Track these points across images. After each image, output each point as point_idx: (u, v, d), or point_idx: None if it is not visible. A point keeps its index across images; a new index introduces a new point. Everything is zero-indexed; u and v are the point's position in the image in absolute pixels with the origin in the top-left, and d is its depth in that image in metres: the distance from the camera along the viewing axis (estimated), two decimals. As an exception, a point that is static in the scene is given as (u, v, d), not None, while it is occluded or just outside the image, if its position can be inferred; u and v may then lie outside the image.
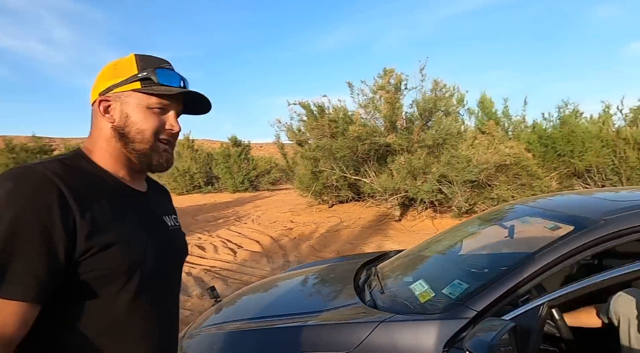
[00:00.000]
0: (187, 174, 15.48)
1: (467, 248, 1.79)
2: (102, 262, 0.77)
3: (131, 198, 0.91)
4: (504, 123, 8.19)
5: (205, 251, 6.68)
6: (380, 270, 1.98)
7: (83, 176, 0.83)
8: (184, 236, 1.06)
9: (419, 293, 1.51)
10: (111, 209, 0.82)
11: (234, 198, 14.05)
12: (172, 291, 0.97)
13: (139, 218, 0.88)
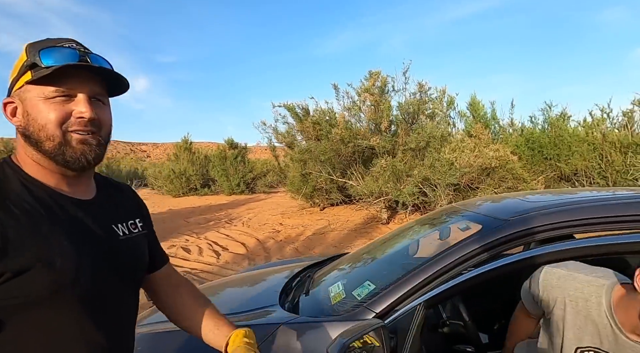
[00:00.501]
0: (184, 176, 15.55)
1: (393, 250, 1.79)
2: (16, 289, 0.68)
3: (64, 210, 0.79)
4: (493, 126, 8.17)
5: (190, 253, 6.70)
6: (317, 272, 1.99)
7: (5, 187, 0.74)
8: (141, 244, 0.94)
9: (332, 295, 1.51)
10: (31, 226, 0.72)
11: (229, 200, 14.09)
12: (124, 308, 0.86)
13: (72, 231, 0.77)
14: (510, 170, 6.76)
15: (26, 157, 0.80)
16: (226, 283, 2.25)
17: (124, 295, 0.87)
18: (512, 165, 6.69)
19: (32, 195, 0.76)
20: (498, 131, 8.26)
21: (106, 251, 0.81)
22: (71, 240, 0.75)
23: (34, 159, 0.79)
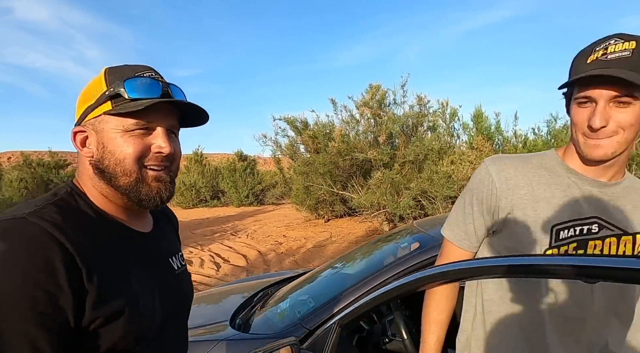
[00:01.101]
0: (194, 188, 15.81)
1: (341, 268, 1.83)
2: (108, 335, 0.65)
3: (134, 245, 0.76)
4: (497, 138, 8.10)
5: (192, 265, 6.79)
6: (281, 288, 2.03)
7: (84, 223, 0.69)
8: (190, 277, 0.91)
9: (279, 312, 1.55)
10: (117, 266, 0.69)
11: (237, 212, 14.24)
12: (180, 336, 0.86)
13: (145, 269, 0.74)
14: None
15: (92, 188, 0.75)
16: (201, 297, 2.31)
17: (182, 325, 0.87)
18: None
19: (107, 230, 0.72)
20: (502, 142, 8.19)
21: (172, 286, 0.79)
22: (147, 278, 0.73)
23: (102, 191, 0.74)
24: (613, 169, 0.90)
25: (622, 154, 0.87)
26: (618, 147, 0.84)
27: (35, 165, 17.06)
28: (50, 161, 17.47)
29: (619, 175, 0.91)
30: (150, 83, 0.74)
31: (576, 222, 0.88)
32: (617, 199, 0.89)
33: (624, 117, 0.81)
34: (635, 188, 0.92)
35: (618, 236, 0.87)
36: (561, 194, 0.90)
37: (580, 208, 0.88)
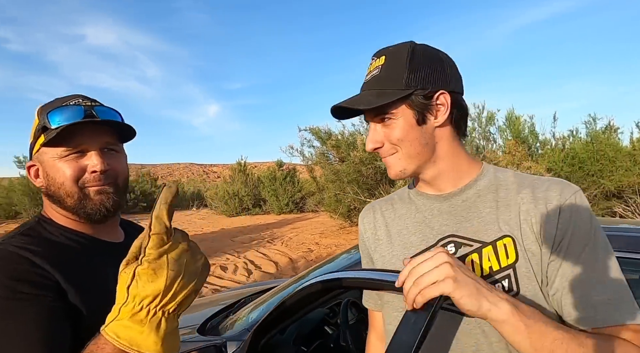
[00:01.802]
0: (237, 197, 16.48)
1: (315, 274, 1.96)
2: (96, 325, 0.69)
3: (107, 253, 0.84)
4: (533, 141, 7.77)
5: (226, 272, 7.17)
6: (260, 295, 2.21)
7: (51, 242, 0.80)
8: None
9: (241, 317, 1.74)
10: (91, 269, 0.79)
11: (277, 219, 14.67)
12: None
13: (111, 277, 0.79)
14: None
15: (55, 212, 0.84)
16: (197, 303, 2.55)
17: None
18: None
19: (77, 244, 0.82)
20: (538, 146, 7.85)
21: None
22: None
23: (62, 214, 0.84)
24: (444, 178, 0.81)
25: (431, 163, 0.79)
26: (406, 163, 0.78)
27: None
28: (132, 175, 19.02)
29: (465, 178, 0.80)
30: (72, 109, 0.80)
31: (430, 249, 0.76)
32: (470, 206, 0.78)
33: (392, 133, 0.77)
34: (493, 184, 0.79)
35: (479, 250, 0.74)
36: (412, 222, 0.85)
37: (432, 231, 0.81)
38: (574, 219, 0.69)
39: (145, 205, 19.29)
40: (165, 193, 0.58)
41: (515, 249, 0.71)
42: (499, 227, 0.74)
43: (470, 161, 0.82)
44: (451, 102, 0.76)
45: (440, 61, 0.77)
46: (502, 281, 0.71)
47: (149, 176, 21.76)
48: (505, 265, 0.72)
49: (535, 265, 0.70)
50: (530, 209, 0.72)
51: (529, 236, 0.71)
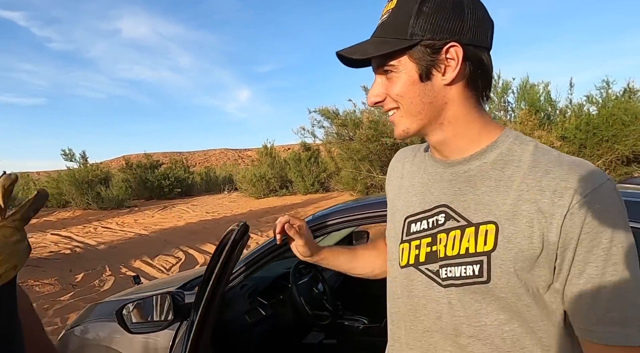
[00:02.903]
0: (264, 179, 17.02)
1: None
2: None
3: None
4: (547, 109, 7.56)
5: (247, 250, 7.64)
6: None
7: None
8: None
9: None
10: None
11: (303, 200, 15.07)
12: None
13: None
14: (555, 157, 6.33)
15: None
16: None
17: None
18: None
19: None
20: (556, 113, 7.64)
21: None
22: None
23: None
24: (450, 144, 0.73)
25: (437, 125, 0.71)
26: (408, 122, 0.71)
27: (135, 167, 19.81)
28: (146, 163, 20.10)
29: (474, 147, 0.71)
30: None
31: (426, 213, 0.76)
32: (470, 180, 0.71)
33: (392, 87, 0.70)
34: (502, 159, 0.69)
35: (462, 228, 0.69)
36: (418, 182, 0.80)
37: (431, 196, 0.76)
38: (587, 223, 0.58)
39: (180, 190, 20.29)
40: (4, 180, 0.62)
41: (495, 237, 0.65)
42: (489, 210, 0.66)
43: (485, 128, 0.71)
44: (464, 56, 0.65)
45: (459, 6, 0.65)
46: (473, 265, 0.67)
47: (182, 163, 22.76)
48: (480, 251, 0.66)
49: (522, 260, 0.63)
50: (532, 200, 0.62)
51: (522, 230, 0.63)
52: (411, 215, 0.79)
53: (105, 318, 1.98)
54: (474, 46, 0.66)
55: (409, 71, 0.68)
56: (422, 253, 0.75)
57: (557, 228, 0.60)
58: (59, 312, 4.51)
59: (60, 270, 6.42)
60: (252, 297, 1.91)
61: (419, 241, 0.76)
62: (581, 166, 0.62)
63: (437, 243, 0.72)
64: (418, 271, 0.75)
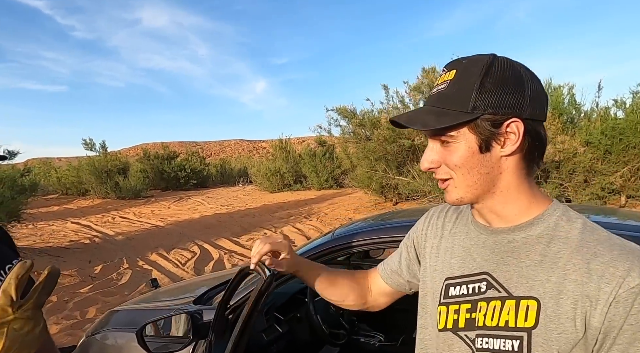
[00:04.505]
0: (278, 173, 17.07)
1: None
2: None
3: None
4: (571, 113, 7.34)
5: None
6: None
7: None
8: None
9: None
10: None
11: (317, 195, 15.09)
12: None
13: None
14: (578, 163, 6.18)
15: None
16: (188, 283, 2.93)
17: None
18: (580, 157, 6.11)
19: None
20: (576, 117, 7.41)
21: None
22: None
23: None
24: (497, 212, 0.72)
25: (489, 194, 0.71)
26: (463, 192, 0.71)
27: (152, 158, 20.11)
28: (163, 154, 20.37)
29: (521, 218, 0.71)
30: None
31: (467, 278, 0.75)
32: (514, 252, 0.70)
33: (449, 157, 0.70)
34: (548, 234, 0.68)
35: (502, 300, 0.68)
36: (459, 245, 0.79)
37: (473, 262, 0.75)
38: (632, 314, 0.57)
39: (195, 182, 20.54)
40: (18, 269, 0.62)
41: (537, 315, 0.63)
42: (532, 285, 0.65)
43: (534, 199, 0.71)
44: (525, 131, 0.66)
45: (519, 81, 0.66)
46: (513, 340, 0.65)
47: (198, 154, 23.01)
48: (520, 326, 0.64)
49: (564, 342, 0.61)
50: (578, 281, 0.61)
51: (566, 311, 0.61)
52: (451, 278, 0.78)
53: (124, 327, 2.02)
54: (532, 120, 0.67)
55: (468, 142, 0.68)
56: (462, 318, 0.74)
57: (602, 315, 0.59)
58: (78, 304, 4.62)
59: (80, 261, 6.59)
60: (269, 314, 1.91)
61: (457, 306, 0.75)
62: (633, 253, 0.61)
63: (476, 311, 0.71)
64: (457, 337, 0.74)
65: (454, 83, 0.68)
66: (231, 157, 40.92)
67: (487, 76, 0.65)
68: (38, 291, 0.65)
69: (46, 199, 18.26)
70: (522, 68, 0.68)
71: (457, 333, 0.74)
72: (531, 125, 0.67)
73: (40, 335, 0.67)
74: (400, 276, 0.98)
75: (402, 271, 0.97)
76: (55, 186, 20.48)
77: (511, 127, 0.66)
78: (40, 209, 14.24)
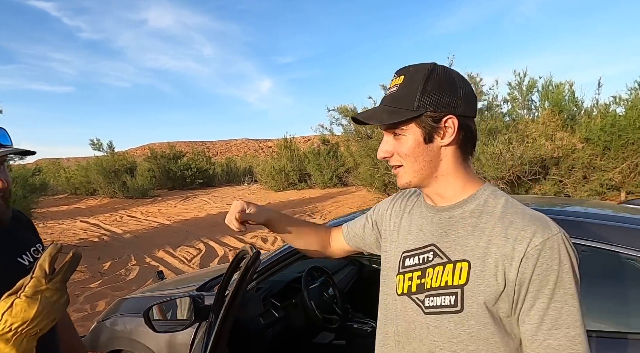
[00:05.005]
0: (283, 172, 17.22)
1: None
2: None
3: None
4: (571, 110, 7.38)
5: (266, 243, 7.82)
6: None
7: None
8: None
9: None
10: None
11: (321, 193, 15.20)
12: None
13: None
14: (577, 159, 6.24)
15: None
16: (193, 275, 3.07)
17: None
18: (579, 154, 6.18)
19: None
20: (582, 113, 7.45)
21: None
22: None
23: None
24: (440, 193, 0.87)
25: (432, 179, 0.85)
26: (411, 177, 0.85)
27: (159, 157, 20.34)
28: (169, 153, 20.60)
29: (459, 197, 0.85)
30: None
31: (419, 250, 0.89)
32: (453, 224, 0.84)
33: (400, 148, 0.84)
34: (479, 209, 0.82)
35: (444, 264, 0.82)
36: (415, 224, 0.94)
37: (423, 236, 0.90)
38: (538, 266, 0.71)
39: (201, 181, 20.75)
40: (51, 249, 0.78)
41: (468, 273, 0.77)
42: (465, 250, 0.80)
43: (468, 182, 0.86)
44: (459, 125, 0.80)
45: (453, 85, 0.80)
46: (450, 296, 0.79)
47: (204, 154, 23.24)
48: (456, 284, 0.78)
49: (489, 293, 0.75)
50: (498, 244, 0.76)
51: (490, 268, 0.75)
52: (407, 251, 0.93)
53: (132, 313, 2.16)
54: (465, 116, 0.82)
55: (415, 134, 0.82)
56: (414, 284, 0.88)
57: (516, 269, 0.73)
58: (88, 298, 4.80)
59: (89, 258, 6.77)
60: (266, 300, 2.04)
61: (411, 274, 0.89)
62: (539, 220, 0.77)
63: (425, 276, 0.86)
64: (410, 299, 0.88)
65: (402, 87, 0.82)
66: (237, 157, 41.16)
67: (428, 81, 0.80)
68: (65, 269, 0.79)
69: (55, 198, 18.58)
70: (456, 75, 0.83)
71: (410, 296, 0.88)
72: (464, 121, 0.82)
73: (64, 305, 0.81)
74: (362, 241, 1.15)
75: (364, 237, 1.14)
76: (64, 186, 20.81)
77: (448, 122, 0.81)
78: (49, 208, 14.52)
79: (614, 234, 1.27)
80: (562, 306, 0.72)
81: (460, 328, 0.79)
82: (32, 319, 0.73)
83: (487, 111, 7.02)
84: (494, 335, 0.77)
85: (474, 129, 0.85)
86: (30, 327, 0.74)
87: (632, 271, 1.26)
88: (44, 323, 0.76)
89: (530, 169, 5.99)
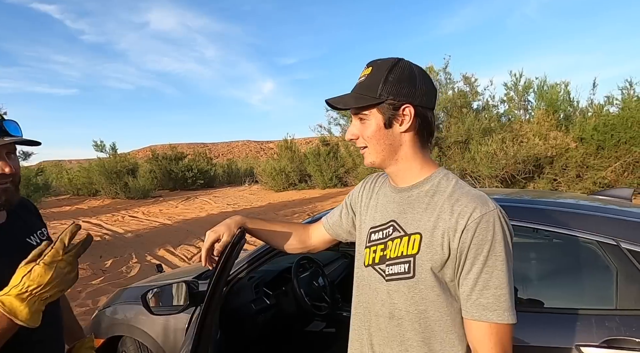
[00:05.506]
0: (283, 173, 17.33)
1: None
2: None
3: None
4: (566, 110, 7.47)
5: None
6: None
7: None
8: None
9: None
10: None
11: (321, 194, 15.30)
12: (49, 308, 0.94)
13: None
14: (570, 158, 6.34)
15: None
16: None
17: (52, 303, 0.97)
18: (572, 153, 6.27)
19: None
20: (571, 115, 7.55)
21: None
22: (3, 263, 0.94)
23: None
24: (400, 175, 0.98)
25: (393, 161, 0.96)
26: (374, 157, 0.96)
27: (160, 158, 20.50)
28: (171, 154, 20.74)
29: (416, 179, 0.97)
30: None
31: (382, 226, 1.00)
32: (410, 203, 0.95)
33: (364, 130, 0.95)
34: (432, 189, 0.93)
35: (401, 237, 0.93)
36: (381, 203, 1.05)
37: (386, 214, 1.01)
38: (475, 237, 0.83)
39: (202, 182, 20.90)
40: (72, 226, 0.90)
41: (419, 244, 0.89)
42: (418, 224, 0.91)
43: (425, 166, 0.97)
44: (415, 114, 0.91)
45: (413, 78, 0.91)
46: (404, 264, 0.91)
47: (205, 155, 23.39)
48: (409, 253, 0.90)
49: (435, 261, 0.87)
50: (445, 219, 0.87)
51: (437, 239, 0.87)
52: (373, 227, 1.04)
53: (132, 301, 2.28)
54: (422, 107, 0.93)
55: (377, 119, 0.93)
56: (377, 256, 1.00)
57: (458, 239, 0.85)
58: (90, 294, 4.92)
59: (91, 256, 6.90)
60: (258, 288, 2.15)
61: (375, 247, 1.01)
62: (480, 198, 0.88)
63: (386, 249, 0.98)
64: (374, 270, 1.00)
65: (369, 77, 0.93)
66: (238, 158, 41.30)
67: (390, 73, 0.91)
68: (79, 246, 0.93)
69: (58, 199, 18.73)
70: (418, 70, 0.94)
71: (374, 267, 1.00)
72: (421, 110, 0.93)
73: (73, 280, 0.92)
74: (340, 228, 1.26)
75: (342, 223, 1.25)
76: (66, 187, 20.98)
77: (406, 110, 0.91)
78: (52, 209, 14.67)
79: (573, 220, 1.38)
80: (493, 271, 0.84)
81: (412, 292, 0.91)
82: (46, 284, 0.84)
83: (483, 111, 7.12)
84: (440, 297, 0.90)
85: (431, 119, 0.97)
86: (44, 291, 0.84)
87: (588, 253, 1.36)
88: (54, 290, 0.87)
89: (524, 168, 6.09)
